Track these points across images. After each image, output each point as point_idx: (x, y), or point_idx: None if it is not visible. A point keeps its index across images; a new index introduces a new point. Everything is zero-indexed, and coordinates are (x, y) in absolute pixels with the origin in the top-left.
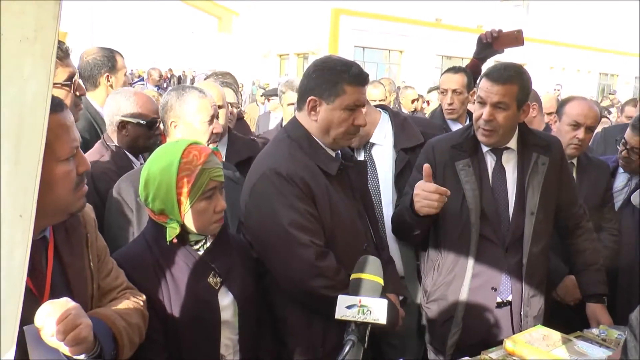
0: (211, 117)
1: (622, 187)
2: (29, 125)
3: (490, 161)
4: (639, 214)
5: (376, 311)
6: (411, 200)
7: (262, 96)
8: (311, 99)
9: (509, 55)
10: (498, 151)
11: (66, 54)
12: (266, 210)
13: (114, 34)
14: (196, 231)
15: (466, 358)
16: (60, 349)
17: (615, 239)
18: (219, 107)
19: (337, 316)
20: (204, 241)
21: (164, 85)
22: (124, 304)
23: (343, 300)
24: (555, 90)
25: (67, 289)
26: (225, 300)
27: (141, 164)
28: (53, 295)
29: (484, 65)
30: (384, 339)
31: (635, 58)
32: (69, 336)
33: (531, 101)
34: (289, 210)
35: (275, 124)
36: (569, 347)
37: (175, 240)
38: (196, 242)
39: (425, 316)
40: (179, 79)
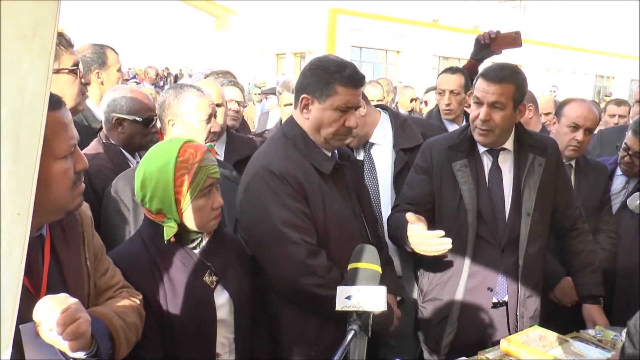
0: (209, 116)
1: (619, 189)
2: (27, 123)
3: (487, 162)
4: (638, 217)
5: (375, 299)
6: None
7: (257, 94)
8: (304, 97)
9: (505, 57)
10: (494, 152)
11: (70, 43)
12: (259, 208)
13: (111, 31)
14: (195, 229)
15: (463, 358)
16: (57, 344)
17: (612, 241)
18: (217, 106)
19: (338, 308)
20: (199, 240)
21: (160, 83)
22: (121, 302)
23: (342, 291)
24: (551, 91)
25: (63, 287)
26: (221, 298)
27: (137, 162)
28: (49, 294)
29: (481, 66)
30: (380, 338)
31: (631, 60)
32: (67, 329)
33: (527, 102)
34: (281, 208)
35: (275, 123)
36: (565, 348)
37: (172, 239)
38: (192, 241)
39: (421, 316)
40: (176, 77)
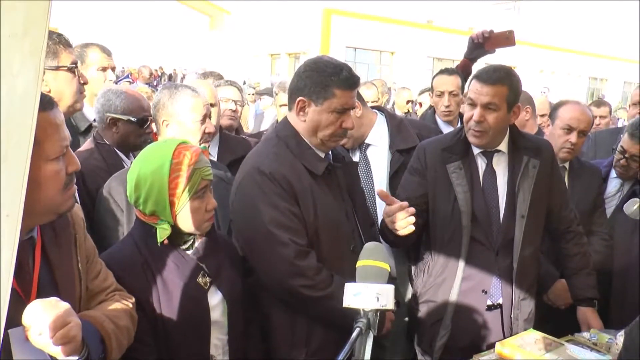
0: (204, 117)
1: (614, 192)
2: (17, 123)
3: (481, 164)
4: (635, 221)
5: (383, 297)
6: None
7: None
8: (300, 99)
9: (499, 58)
10: (489, 154)
11: (69, 43)
12: (249, 208)
13: (105, 31)
14: (190, 230)
15: None
16: (46, 349)
17: (606, 243)
18: (211, 106)
19: (345, 304)
20: (192, 241)
21: (154, 83)
22: (113, 306)
23: (350, 288)
24: (542, 93)
25: (54, 290)
26: (215, 299)
27: (132, 162)
28: (40, 297)
29: (475, 66)
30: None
31: (625, 63)
32: (58, 334)
33: (524, 104)
34: (271, 208)
35: (270, 123)
36: (560, 351)
37: (165, 241)
38: (185, 242)
39: (415, 317)
40: (170, 77)
